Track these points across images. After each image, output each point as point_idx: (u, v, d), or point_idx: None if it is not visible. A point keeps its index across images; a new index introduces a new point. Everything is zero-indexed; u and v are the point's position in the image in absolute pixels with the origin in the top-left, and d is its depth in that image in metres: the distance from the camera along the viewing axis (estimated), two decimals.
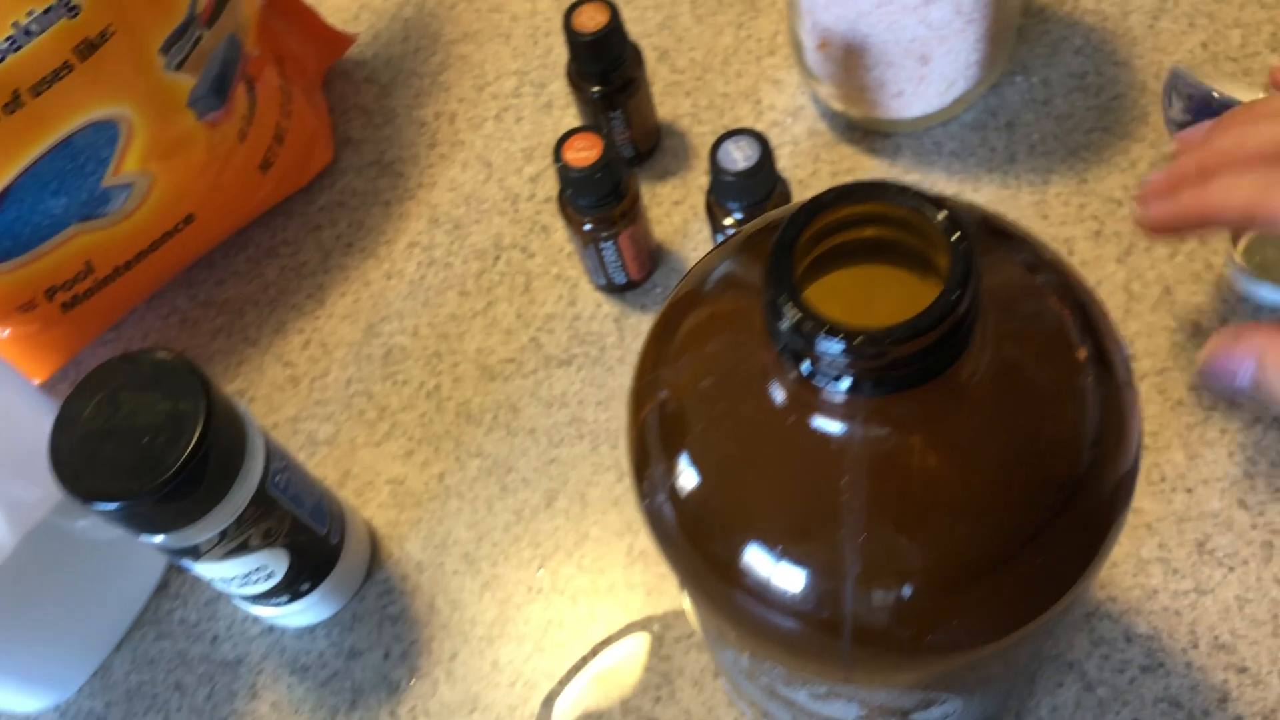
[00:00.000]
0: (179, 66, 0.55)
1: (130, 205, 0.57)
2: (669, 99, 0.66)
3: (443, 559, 0.56)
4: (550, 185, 0.65)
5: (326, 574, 0.53)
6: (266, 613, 0.54)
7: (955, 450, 0.29)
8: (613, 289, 0.61)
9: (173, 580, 0.59)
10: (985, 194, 0.60)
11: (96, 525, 0.52)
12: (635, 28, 0.69)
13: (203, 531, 0.46)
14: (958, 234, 0.27)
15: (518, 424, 0.59)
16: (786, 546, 0.30)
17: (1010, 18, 0.58)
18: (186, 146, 0.57)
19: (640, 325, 0.60)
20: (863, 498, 0.29)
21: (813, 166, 0.63)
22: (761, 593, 0.30)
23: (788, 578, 0.30)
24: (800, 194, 0.61)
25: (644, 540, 0.55)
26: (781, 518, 0.30)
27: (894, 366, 0.26)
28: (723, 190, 0.53)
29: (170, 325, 0.66)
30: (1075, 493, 0.30)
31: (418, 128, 0.69)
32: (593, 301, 0.61)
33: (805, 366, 0.27)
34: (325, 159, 0.67)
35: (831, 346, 0.26)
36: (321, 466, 0.60)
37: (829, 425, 0.28)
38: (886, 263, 0.30)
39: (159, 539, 0.45)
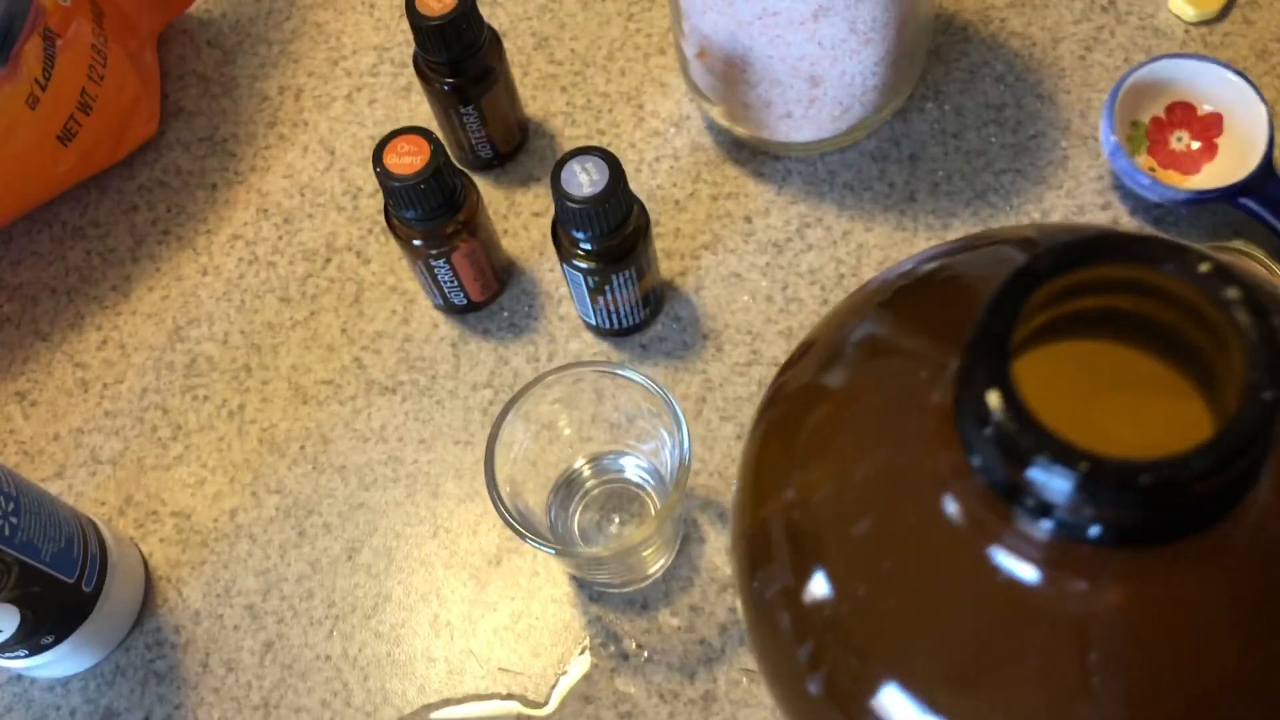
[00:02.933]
0: None
1: None
2: (542, 93, 0.59)
3: (223, 610, 0.49)
4: None
5: (76, 626, 0.46)
6: (8, 664, 0.47)
7: (1226, 622, 0.21)
8: (451, 309, 0.54)
9: None
10: (878, 234, 0.53)
11: None
12: (513, 8, 0.61)
13: None
14: (1268, 327, 0.18)
15: (326, 459, 0.52)
16: (946, 700, 0.22)
17: (916, 40, 0.50)
18: None
19: (480, 353, 0.53)
20: (1086, 675, 0.21)
21: (692, 187, 0.55)
22: None
23: None
24: (675, 217, 0.54)
25: (450, 611, 0.48)
26: (947, 668, 0.23)
27: (1164, 510, 0.18)
28: (568, 218, 0.46)
29: None
30: None
31: (259, 102, 0.61)
32: (429, 321, 0.54)
33: (1021, 503, 0.19)
34: (148, 131, 0.59)
35: (1066, 483, 0.18)
36: (101, 489, 0.52)
37: (1032, 573, 0.20)
38: (1106, 336, 0.21)
39: None
